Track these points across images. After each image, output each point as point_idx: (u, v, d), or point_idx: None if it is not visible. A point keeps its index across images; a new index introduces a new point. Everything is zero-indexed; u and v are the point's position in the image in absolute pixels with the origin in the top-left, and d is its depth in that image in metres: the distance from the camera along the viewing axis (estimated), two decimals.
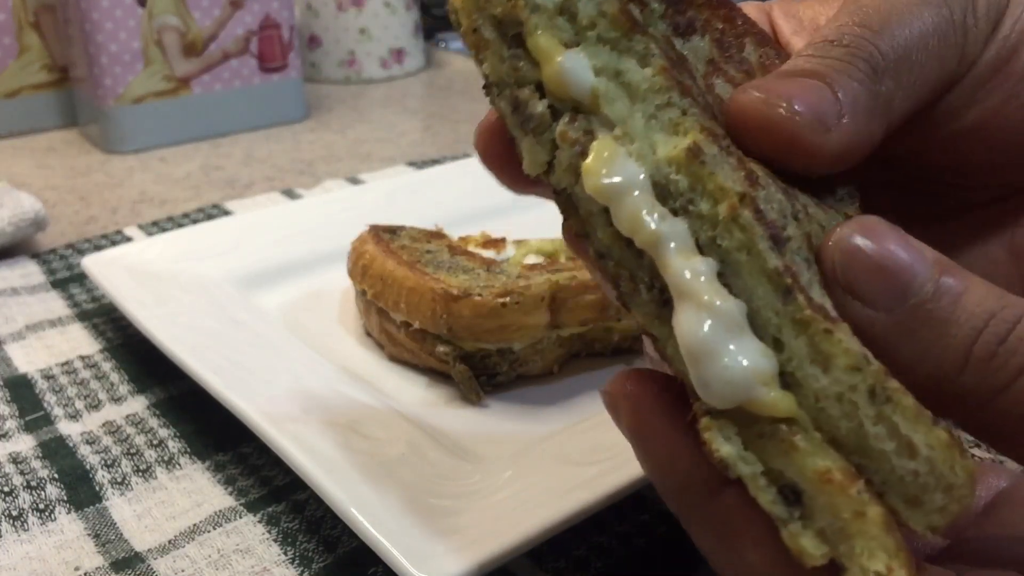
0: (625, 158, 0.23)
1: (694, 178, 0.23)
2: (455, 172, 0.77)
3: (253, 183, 0.87)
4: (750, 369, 0.22)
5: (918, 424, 0.22)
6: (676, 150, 0.23)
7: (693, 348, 0.22)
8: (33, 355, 0.57)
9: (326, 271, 0.61)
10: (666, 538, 0.42)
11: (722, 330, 0.22)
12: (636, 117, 0.24)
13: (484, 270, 0.52)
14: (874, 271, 0.23)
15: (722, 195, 0.23)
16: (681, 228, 0.23)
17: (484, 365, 0.50)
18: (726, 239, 0.23)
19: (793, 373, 0.23)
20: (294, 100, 1.03)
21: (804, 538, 0.23)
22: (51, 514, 0.44)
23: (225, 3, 0.96)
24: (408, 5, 1.20)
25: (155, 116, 0.95)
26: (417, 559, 0.34)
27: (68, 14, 0.92)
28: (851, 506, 0.22)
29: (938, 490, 0.22)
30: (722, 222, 0.23)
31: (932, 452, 0.22)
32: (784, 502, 0.23)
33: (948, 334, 0.22)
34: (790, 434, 0.22)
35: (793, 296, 0.22)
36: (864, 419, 0.22)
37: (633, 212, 0.23)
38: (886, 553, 0.22)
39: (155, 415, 0.51)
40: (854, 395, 0.22)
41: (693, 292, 0.22)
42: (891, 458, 0.22)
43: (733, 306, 0.22)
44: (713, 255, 0.23)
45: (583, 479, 0.39)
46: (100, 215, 0.80)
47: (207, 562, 0.40)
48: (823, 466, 0.22)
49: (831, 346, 0.22)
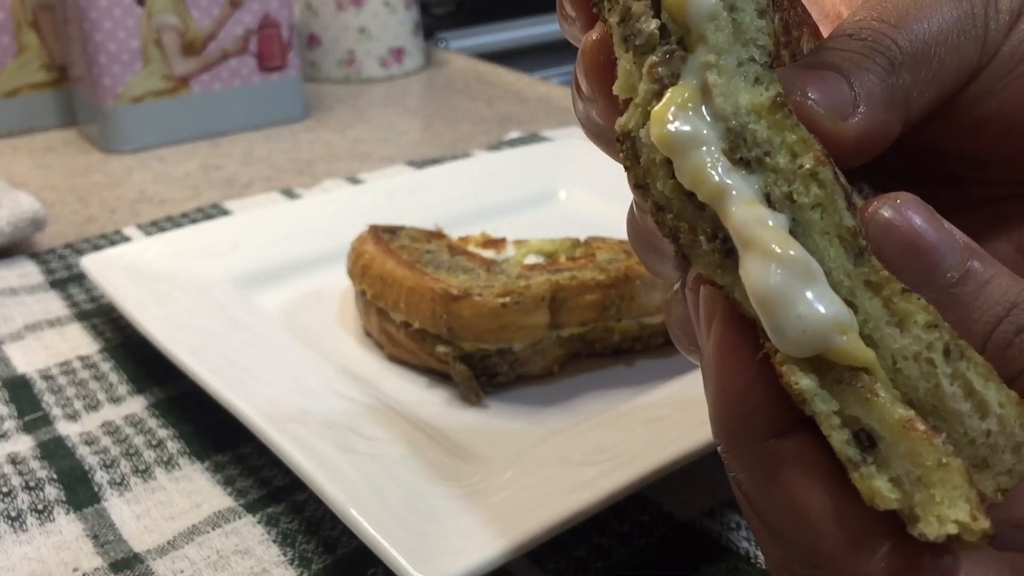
0: (699, 108, 0.23)
1: (776, 128, 0.23)
2: (455, 172, 0.77)
3: (252, 183, 0.86)
4: (828, 317, 0.22)
5: (989, 382, 0.22)
6: (761, 97, 0.23)
7: (764, 297, 0.22)
8: (32, 355, 0.56)
9: (325, 271, 0.61)
10: (666, 539, 0.42)
11: (794, 278, 0.22)
12: (731, 57, 0.23)
13: (484, 270, 0.52)
14: (905, 247, 0.23)
15: (804, 148, 0.23)
16: (749, 181, 0.22)
17: (484, 365, 0.49)
18: (803, 194, 0.22)
19: (870, 335, 0.22)
20: (293, 99, 1.03)
21: (879, 481, 0.22)
22: (50, 515, 0.43)
23: (224, 2, 0.96)
24: (408, 4, 1.20)
25: (154, 116, 0.95)
26: (417, 559, 0.34)
27: (67, 13, 0.91)
28: (935, 455, 0.22)
29: (1007, 450, 0.22)
30: (801, 175, 0.22)
31: (1003, 411, 0.22)
32: (857, 445, 0.23)
33: (969, 318, 0.23)
34: (870, 382, 0.22)
35: (866, 258, 0.22)
36: (942, 378, 0.22)
37: (697, 164, 0.22)
38: (968, 503, 0.21)
39: (154, 415, 0.50)
40: (932, 353, 0.22)
41: (760, 240, 0.22)
42: (964, 419, 0.22)
43: (801, 254, 0.22)
44: (785, 211, 0.22)
45: (583, 479, 0.39)
46: (99, 215, 0.80)
47: (206, 563, 0.40)
48: (906, 415, 0.22)
49: (909, 304, 0.22)
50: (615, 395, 0.49)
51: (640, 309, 0.51)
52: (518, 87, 1.17)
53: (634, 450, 0.41)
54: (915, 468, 0.22)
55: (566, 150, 0.82)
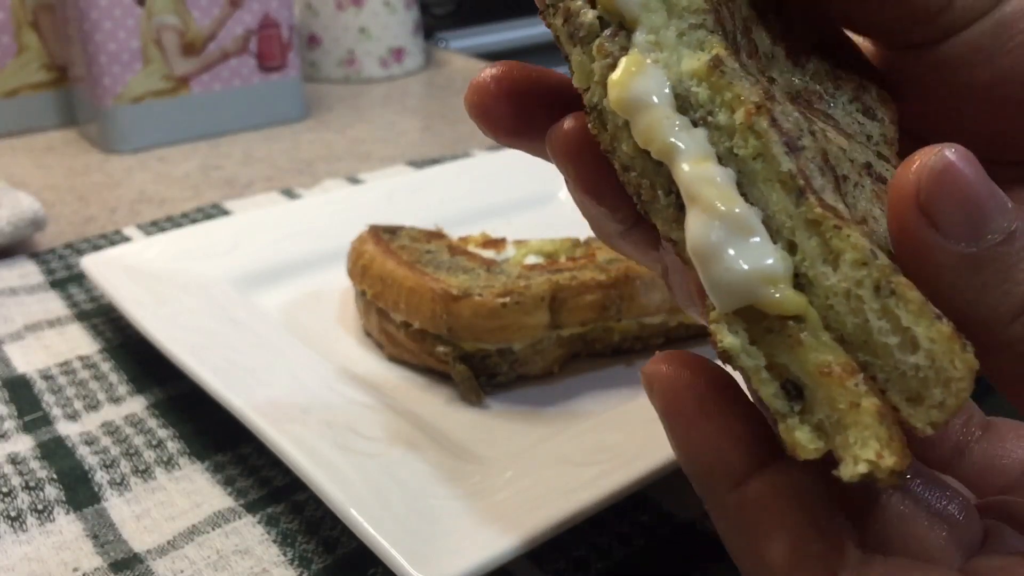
0: (649, 71, 0.24)
1: (714, 89, 0.24)
2: (455, 172, 0.77)
3: (252, 183, 0.86)
4: (752, 271, 0.23)
5: (921, 318, 0.22)
6: (699, 62, 0.24)
7: (699, 250, 0.23)
8: (32, 355, 0.56)
9: (325, 271, 0.61)
10: (666, 539, 0.42)
11: (725, 233, 0.23)
12: (670, 30, 0.25)
13: (484, 270, 0.52)
14: (960, 199, 0.22)
15: (738, 103, 0.24)
16: (697, 137, 0.24)
17: (484, 365, 0.49)
18: (741, 147, 0.23)
19: (806, 274, 0.23)
20: (293, 99, 1.03)
21: (799, 431, 0.23)
22: (50, 515, 0.43)
23: (224, 2, 0.96)
24: (408, 4, 1.20)
25: (154, 116, 0.95)
26: (417, 559, 0.34)
27: (67, 13, 0.91)
28: (847, 397, 0.22)
29: (938, 384, 0.22)
30: (738, 129, 0.23)
31: (933, 345, 0.22)
32: (785, 396, 0.23)
33: (1011, 279, 0.22)
34: (796, 330, 0.23)
35: (805, 197, 0.23)
36: (869, 313, 0.22)
37: (649, 123, 0.24)
38: (878, 442, 0.22)
39: (154, 415, 0.50)
40: (860, 290, 0.22)
41: (699, 196, 0.23)
42: (894, 352, 0.22)
43: (739, 209, 0.23)
44: (731, 165, 0.24)
45: (583, 479, 0.39)
46: (99, 215, 0.80)
47: (206, 563, 0.40)
48: (824, 360, 0.23)
49: (840, 242, 0.23)
50: (615, 395, 0.49)
51: (640, 309, 0.51)
52: None
53: (634, 450, 0.41)
54: (833, 412, 0.23)
55: None
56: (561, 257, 0.55)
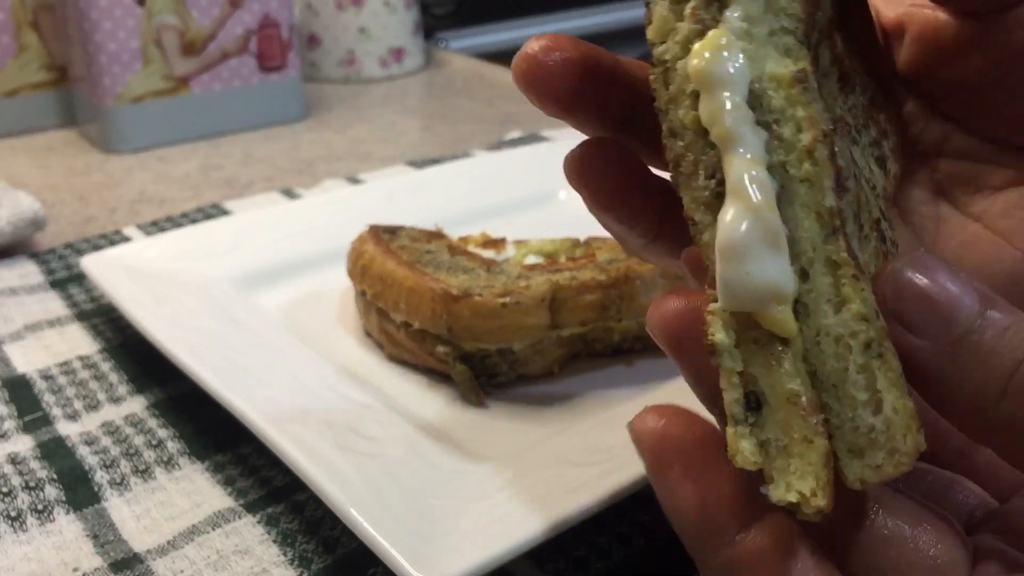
0: (737, 56, 0.24)
1: (790, 101, 0.24)
2: (455, 172, 0.77)
3: (252, 183, 0.86)
4: (772, 284, 0.23)
5: (893, 387, 0.23)
6: (785, 69, 0.24)
7: (728, 245, 0.23)
8: (32, 355, 0.56)
9: (325, 271, 0.61)
10: (666, 539, 0.42)
11: (760, 238, 0.23)
12: (763, 25, 0.25)
13: (484, 270, 0.52)
14: (923, 301, 0.24)
15: (809, 125, 0.24)
16: (758, 139, 0.24)
17: (484, 365, 0.49)
18: (795, 167, 0.24)
19: (807, 304, 0.24)
20: (293, 99, 1.03)
21: (746, 441, 0.24)
22: (50, 515, 0.43)
23: (224, 2, 0.96)
24: (408, 4, 1.20)
25: (154, 116, 0.95)
26: (417, 560, 0.34)
27: (67, 13, 0.91)
28: (804, 431, 0.24)
29: (883, 450, 0.23)
30: (799, 150, 0.24)
31: (894, 415, 0.23)
32: (744, 405, 0.24)
33: (989, 363, 0.23)
34: (780, 351, 0.24)
35: (836, 237, 0.24)
36: (851, 365, 0.23)
37: (720, 104, 0.24)
38: (816, 481, 0.23)
39: (154, 415, 0.50)
40: (852, 341, 0.23)
41: (748, 195, 0.23)
42: (858, 407, 0.23)
43: (779, 222, 0.24)
44: (777, 177, 0.24)
45: (583, 480, 0.39)
46: (99, 215, 0.80)
47: (206, 563, 0.40)
48: (795, 389, 0.24)
49: (852, 291, 0.23)
50: (615, 395, 0.49)
51: (640, 309, 0.51)
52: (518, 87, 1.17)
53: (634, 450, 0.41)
54: (784, 437, 0.24)
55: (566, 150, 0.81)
56: (561, 257, 0.55)
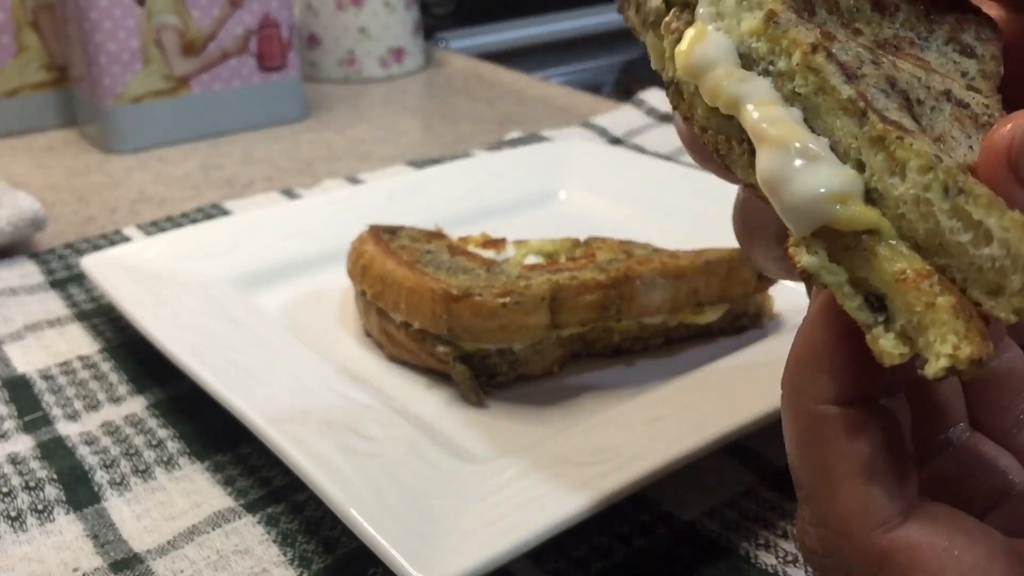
0: (711, 37, 0.26)
1: (771, 40, 0.26)
2: (455, 172, 0.77)
3: (252, 183, 0.86)
4: (820, 192, 0.24)
5: (991, 210, 0.23)
6: (755, 19, 0.26)
7: (768, 181, 0.24)
8: (32, 355, 0.56)
9: (326, 271, 0.61)
10: (666, 539, 0.42)
11: (791, 158, 0.24)
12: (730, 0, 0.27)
13: (484, 270, 0.52)
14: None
15: (795, 47, 0.25)
16: (761, 86, 0.25)
17: (484, 365, 0.49)
18: (803, 85, 0.25)
19: (876, 188, 0.24)
20: (293, 99, 1.03)
21: (884, 339, 0.24)
22: (50, 515, 0.43)
23: (224, 2, 0.96)
24: (408, 4, 1.20)
25: (154, 116, 0.95)
26: (417, 560, 0.34)
27: (67, 13, 0.92)
28: (923, 299, 0.23)
29: (1016, 271, 0.22)
30: (797, 70, 0.25)
31: (1007, 234, 0.22)
32: (870, 308, 0.24)
33: None
34: (872, 243, 0.24)
35: (867, 116, 0.24)
36: (940, 215, 0.23)
37: (713, 81, 0.26)
38: (955, 335, 0.22)
39: (154, 415, 0.50)
40: (928, 193, 0.23)
41: (763, 133, 0.25)
42: (968, 249, 0.23)
43: (800, 137, 0.24)
44: (797, 104, 0.25)
45: (583, 479, 0.39)
46: (99, 215, 0.80)
47: (206, 563, 0.40)
48: (899, 267, 0.23)
49: (903, 151, 0.23)
50: (615, 395, 0.49)
51: (640, 309, 0.51)
52: (518, 87, 1.17)
53: (634, 450, 0.41)
54: (912, 316, 0.23)
55: (566, 150, 0.82)
56: (561, 257, 0.55)
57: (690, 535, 0.42)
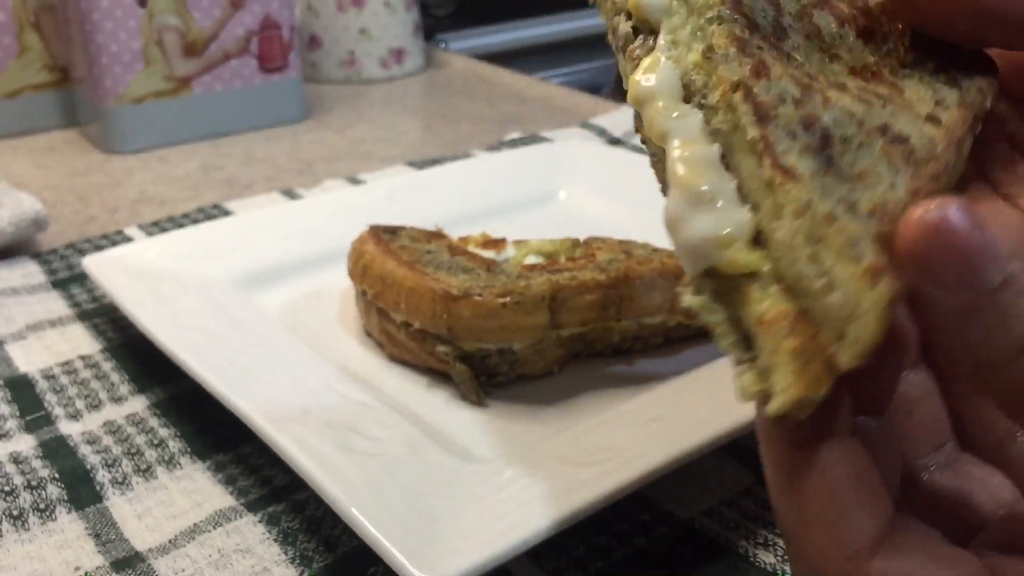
0: (660, 67, 0.27)
1: (706, 73, 0.26)
2: (455, 172, 0.77)
3: (253, 183, 0.87)
4: (706, 236, 0.25)
5: (839, 260, 0.23)
6: (696, 52, 0.26)
7: (668, 223, 0.25)
8: (33, 355, 0.57)
9: (326, 271, 0.61)
10: (666, 538, 0.42)
11: (685, 203, 0.25)
12: (687, 28, 0.27)
13: (484, 270, 0.52)
14: (952, 256, 0.23)
15: (719, 83, 0.26)
16: (693, 120, 0.26)
17: (484, 365, 0.50)
18: (721, 122, 0.26)
19: (765, 231, 0.25)
20: (294, 100, 1.03)
21: (743, 377, 0.25)
22: (51, 514, 0.44)
23: (225, 3, 0.96)
24: (408, 5, 1.20)
25: (155, 116, 0.95)
26: (417, 559, 0.34)
27: (68, 14, 0.92)
28: (773, 340, 0.24)
29: (852, 320, 0.23)
30: (717, 107, 0.26)
31: (847, 284, 0.23)
32: (744, 347, 0.26)
33: (1008, 325, 0.23)
34: (748, 284, 0.25)
35: (763, 160, 0.25)
36: (801, 260, 0.24)
37: (651, 114, 0.26)
38: (788, 376, 0.24)
39: (155, 415, 0.51)
40: (796, 239, 0.24)
41: (672, 173, 0.25)
42: (820, 295, 0.24)
43: (701, 180, 0.25)
44: (719, 141, 0.26)
45: (583, 479, 0.39)
46: (100, 215, 0.80)
47: (207, 562, 0.40)
48: (763, 309, 0.24)
49: (783, 196, 0.24)
50: (615, 395, 0.50)
51: (640, 309, 0.51)
52: (518, 87, 1.17)
53: (634, 450, 0.41)
54: (766, 357, 0.25)
55: (566, 150, 0.82)
56: (561, 257, 0.55)
57: (689, 534, 0.42)
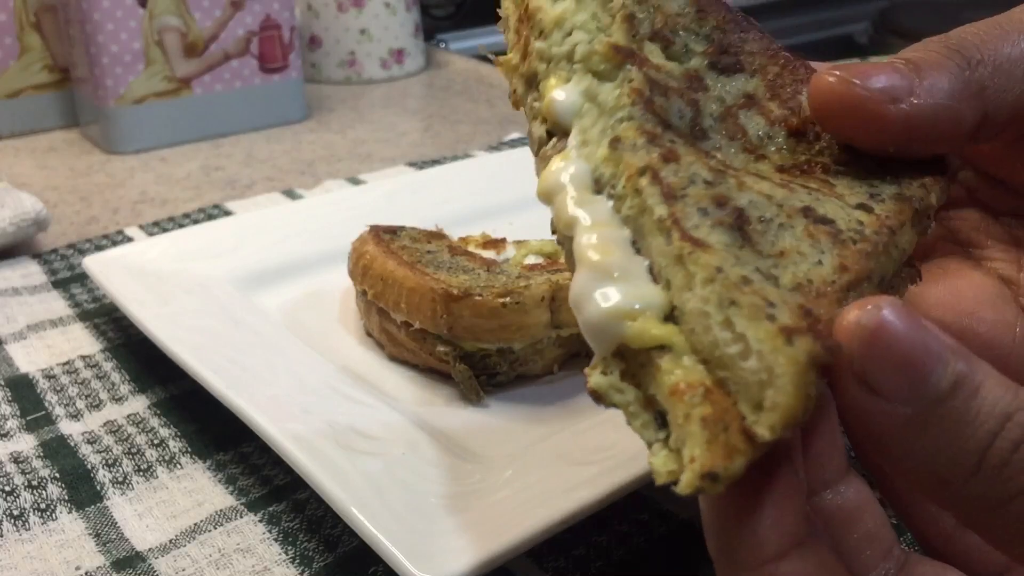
0: (568, 163, 0.27)
1: (613, 164, 0.27)
2: (455, 172, 0.77)
3: (254, 183, 0.87)
4: (614, 311, 0.24)
5: (751, 322, 0.22)
6: (603, 147, 0.27)
7: (574, 303, 0.25)
8: (34, 355, 0.57)
9: (326, 271, 0.61)
10: (666, 538, 0.42)
11: (591, 280, 0.25)
12: (596, 127, 0.28)
13: (484, 270, 0.52)
14: (896, 362, 0.21)
15: (625, 169, 0.26)
16: (600, 209, 0.26)
17: (484, 365, 0.50)
18: (630, 207, 0.26)
19: (677, 305, 0.24)
20: (295, 100, 1.03)
21: (656, 457, 0.24)
22: (52, 513, 0.44)
23: (226, 4, 0.96)
24: (408, 6, 1.20)
25: (156, 116, 0.95)
26: (417, 559, 0.34)
27: (69, 15, 0.92)
28: (683, 410, 0.23)
29: (771, 386, 0.22)
30: (624, 193, 0.26)
31: (762, 346, 0.22)
32: (656, 426, 0.25)
33: (963, 435, 0.21)
34: (658, 358, 0.24)
35: (671, 235, 0.25)
36: (715, 327, 0.23)
37: (558, 206, 0.27)
38: (696, 447, 0.22)
39: (156, 415, 0.51)
40: (708, 306, 0.23)
41: (578, 255, 0.25)
42: (736, 361, 0.22)
43: (606, 260, 0.25)
44: (630, 226, 0.26)
45: (583, 479, 0.39)
46: (101, 215, 0.80)
47: (208, 561, 0.40)
48: (675, 380, 0.23)
49: (693, 265, 0.24)
50: None
51: None
52: None
53: (633, 449, 0.41)
54: (677, 430, 0.23)
55: None
56: (561, 257, 0.55)
57: (690, 534, 0.42)
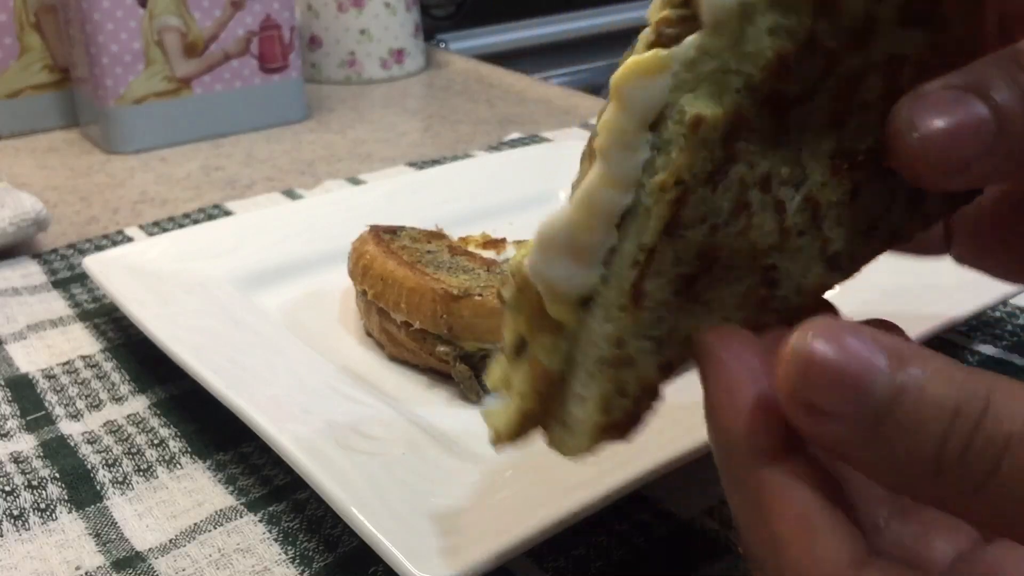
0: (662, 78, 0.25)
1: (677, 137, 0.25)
2: (455, 172, 0.77)
3: (254, 183, 0.87)
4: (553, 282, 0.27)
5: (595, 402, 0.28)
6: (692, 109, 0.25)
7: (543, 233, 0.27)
8: (34, 355, 0.57)
9: (326, 271, 0.61)
10: (666, 538, 0.42)
11: (565, 244, 0.26)
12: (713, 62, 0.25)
13: (484, 270, 0.52)
14: (832, 383, 0.21)
15: (674, 167, 0.25)
16: (635, 160, 0.26)
17: (484, 365, 0.50)
18: (646, 196, 0.25)
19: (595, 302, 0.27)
20: (295, 100, 1.03)
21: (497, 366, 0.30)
22: (52, 513, 0.44)
23: (226, 4, 0.96)
24: (408, 6, 1.20)
25: (156, 116, 0.95)
26: (417, 558, 0.34)
27: (69, 15, 0.92)
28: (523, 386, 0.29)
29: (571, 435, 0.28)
30: (654, 183, 0.25)
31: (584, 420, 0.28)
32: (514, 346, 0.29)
33: (917, 441, 0.21)
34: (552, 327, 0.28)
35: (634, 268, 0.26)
36: (585, 364, 0.28)
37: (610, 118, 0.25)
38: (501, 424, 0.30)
39: (156, 415, 0.51)
40: (594, 350, 0.27)
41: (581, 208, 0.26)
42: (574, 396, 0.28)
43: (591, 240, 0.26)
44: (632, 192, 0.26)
45: (583, 479, 0.39)
46: (101, 215, 0.80)
47: (208, 561, 0.40)
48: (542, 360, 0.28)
49: (620, 317, 0.27)
50: None
51: None
52: (518, 88, 1.17)
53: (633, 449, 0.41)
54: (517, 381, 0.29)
55: (566, 150, 0.82)
56: None
57: (690, 534, 0.42)
